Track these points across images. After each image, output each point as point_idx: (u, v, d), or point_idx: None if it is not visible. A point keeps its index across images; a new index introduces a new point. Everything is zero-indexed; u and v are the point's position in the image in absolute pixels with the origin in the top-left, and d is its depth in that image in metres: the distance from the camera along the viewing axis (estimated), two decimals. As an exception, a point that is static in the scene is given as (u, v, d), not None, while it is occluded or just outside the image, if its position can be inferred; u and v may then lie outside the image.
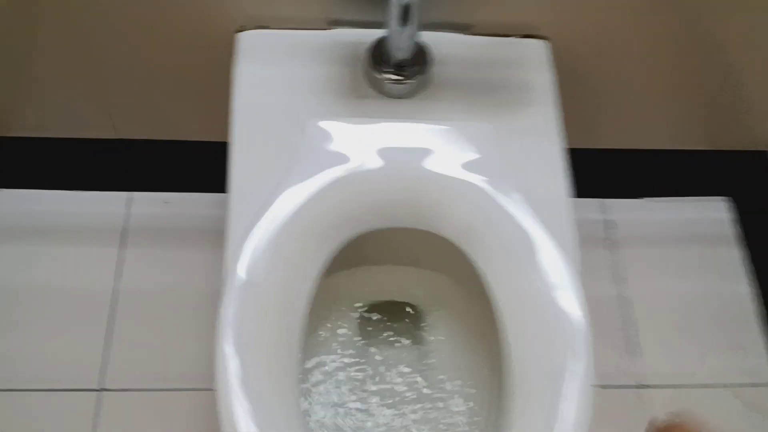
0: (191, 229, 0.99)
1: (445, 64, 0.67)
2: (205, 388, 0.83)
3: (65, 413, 0.86)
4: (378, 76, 0.65)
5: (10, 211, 0.97)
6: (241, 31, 0.71)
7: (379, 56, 0.65)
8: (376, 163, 0.62)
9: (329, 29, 0.70)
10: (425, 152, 0.62)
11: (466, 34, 0.71)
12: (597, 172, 0.97)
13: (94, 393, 0.87)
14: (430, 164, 0.62)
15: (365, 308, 0.74)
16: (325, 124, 0.64)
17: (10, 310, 0.91)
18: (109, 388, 0.87)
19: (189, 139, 0.93)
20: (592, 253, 1.00)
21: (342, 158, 0.62)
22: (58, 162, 0.98)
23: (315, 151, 0.62)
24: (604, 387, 0.90)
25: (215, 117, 0.81)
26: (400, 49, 0.63)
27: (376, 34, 0.66)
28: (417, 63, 0.65)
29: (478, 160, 0.62)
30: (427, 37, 0.67)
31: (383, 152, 0.62)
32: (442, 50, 0.68)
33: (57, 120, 0.90)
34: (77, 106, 0.87)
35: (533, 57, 0.70)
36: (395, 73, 0.64)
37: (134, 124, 0.91)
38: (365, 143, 0.63)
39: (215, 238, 0.95)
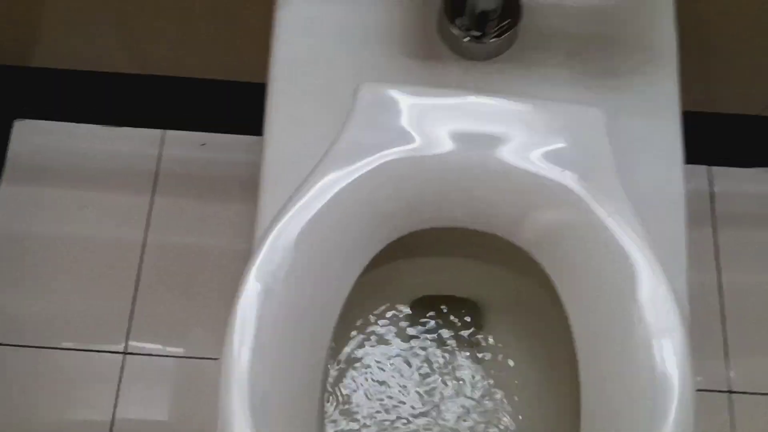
0: (227, 175, 0.89)
1: (538, 13, 0.52)
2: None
3: (91, 373, 0.81)
4: (453, 30, 0.50)
5: (33, 147, 0.88)
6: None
7: (457, 3, 0.50)
8: (440, 146, 0.48)
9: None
10: (505, 137, 0.48)
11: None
12: (704, 135, 0.81)
13: (120, 356, 0.81)
14: (510, 154, 0.48)
15: (416, 303, 0.63)
16: (381, 90, 0.50)
17: (32, 260, 0.84)
18: (134, 352, 0.81)
19: (225, 79, 0.81)
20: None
21: (398, 135, 0.49)
22: (83, 96, 0.87)
23: (366, 122, 0.49)
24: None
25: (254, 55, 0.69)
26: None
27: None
28: (505, 14, 0.50)
29: (575, 149, 0.48)
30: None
31: (451, 133, 0.49)
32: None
33: (80, 51, 0.79)
34: (101, 36, 0.76)
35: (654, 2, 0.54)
36: (476, 27, 0.50)
37: (163, 59, 0.79)
38: (429, 118, 0.49)
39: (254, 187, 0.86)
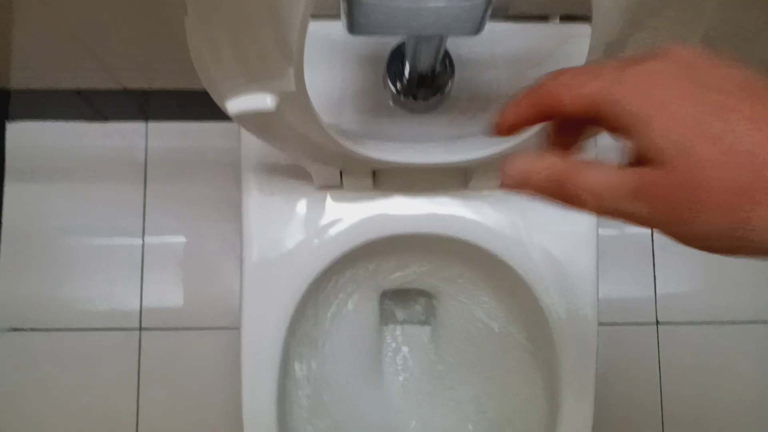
0: (208, 159, 0.97)
1: (472, 66, 0.58)
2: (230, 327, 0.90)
3: (111, 351, 0.92)
4: (392, 89, 0.57)
5: (26, 146, 0.96)
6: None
7: (396, 65, 0.56)
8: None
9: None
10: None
11: (498, 20, 0.60)
12: None
13: (136, 332, 0.92)
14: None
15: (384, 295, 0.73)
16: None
17: (31, 251, 0.94)
18: (148, 327, 0.92)
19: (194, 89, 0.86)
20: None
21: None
22: (65, 104, 0.93)
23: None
24: (620, 324, 0.92)
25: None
26: (420, 64, 0.54)
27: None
28: (439, 77, 0.56)
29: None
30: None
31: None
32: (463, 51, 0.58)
33: (53, 73, 0.83)
34: (66, 57, 0.79)
35: (576, 44, 0.60)
36: (412, 89, 0.56)
37: (134, 73, 0.84)
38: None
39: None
